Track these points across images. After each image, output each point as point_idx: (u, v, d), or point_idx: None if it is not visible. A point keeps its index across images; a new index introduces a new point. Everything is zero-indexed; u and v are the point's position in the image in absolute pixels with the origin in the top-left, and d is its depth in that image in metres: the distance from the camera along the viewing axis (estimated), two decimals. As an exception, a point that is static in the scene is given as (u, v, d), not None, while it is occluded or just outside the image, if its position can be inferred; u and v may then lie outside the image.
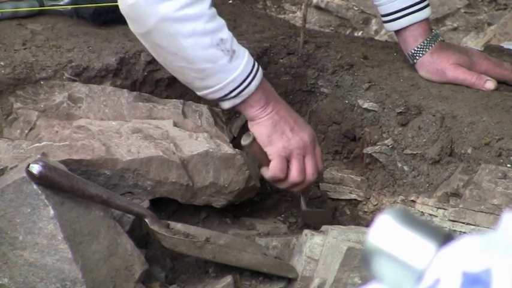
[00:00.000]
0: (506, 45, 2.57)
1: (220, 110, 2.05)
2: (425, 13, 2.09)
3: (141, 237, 1.86)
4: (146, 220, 1.78)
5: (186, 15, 1.72)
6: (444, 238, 0.66)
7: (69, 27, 2.14)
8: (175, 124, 1.94)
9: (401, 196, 1.99)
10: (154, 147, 1.84)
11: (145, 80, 2.07)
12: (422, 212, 1.92)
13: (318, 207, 2.11)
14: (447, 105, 1.98)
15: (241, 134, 1.98)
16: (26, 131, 1.87)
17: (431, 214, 1.90)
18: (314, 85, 2.22)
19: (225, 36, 1.77)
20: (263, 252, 1.89)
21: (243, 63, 1.79)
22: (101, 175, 1.80)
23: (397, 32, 2.13)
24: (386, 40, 2.74)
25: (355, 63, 2.18)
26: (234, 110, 1.98)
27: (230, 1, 2.82)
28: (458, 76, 2.08)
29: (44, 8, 2.19)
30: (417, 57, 2.11)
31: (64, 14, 2.20)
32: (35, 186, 1.64)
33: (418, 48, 2.10)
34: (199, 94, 1.86)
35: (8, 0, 2.16)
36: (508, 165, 1.79)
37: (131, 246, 1.74)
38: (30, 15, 2.18)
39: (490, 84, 2.07)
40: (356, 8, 3.56)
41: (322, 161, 1.94)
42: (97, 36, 2.10)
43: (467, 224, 1.78)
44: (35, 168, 1.62)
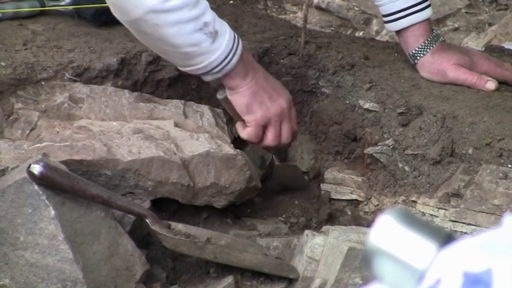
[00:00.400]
0: (507, 45, 2.57)
1: (221, 111, 2.05)
2: (426, 13, 2.09)
3: (142, 237, 1.85)
4: (147, 220, 1.78)
5: (172, 6, 1.74)
6: (445, 238, 0.66)
7: (70, 27, 2.14)
8: (176, 124, 1.94)
9: (402, 196, 1.99)
10: (155, 147, 1.84)
11: (146, 81, 2.07)
12: (423, 213, 1.92)
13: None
14: (448, 105, 1.98)
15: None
16: (27, 132, 1.87)
17: (432, 214, 1.90)
18: (315, 85, 2.22)
19: (208, 18, 1.78)
20: (264, 252, 1.89)
21: (225, 42, 1.81)
22: (102, 175, 1.80)
23: (398, 32, 2.13)
24: (387, 40, 2.74)
25: (356, 63, 2.18)
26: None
27: (231, 1, 2.82)
28: (459, 76, 2.08)
29: (45, 9, 2.19)
30: (418, 57, 2.11)
31: (65, 15, 2.20)
32: (36, 186, 1.64)
33: (419, 48, 2.10)
34: (181, 69, 1.90)
35: (9, 0, 2.16)
36: (509, 165, 1.79)
37: (132, 246, 1.74)
38: (31, 15, 2.18)
39: (491, 84, 2.07)
40: (357, 9, 3.56)
41: (297, 123, 1.99)
42: (98, 36, 2.10)
43: (468, 225, 1.78)
44: (36, 168, 1.62)
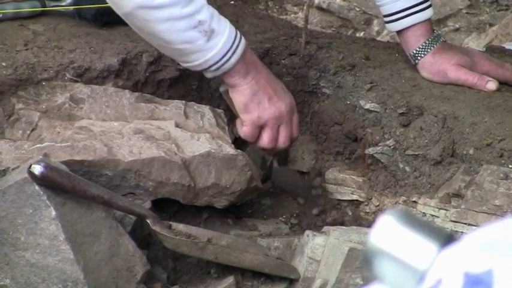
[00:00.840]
0: (507, 45, 2.57)
1: (222, 111, 2.05)
2: (427, 13, 2.09)
3: (143, 238, 1.85)
4: (148, 221, 1.78)
5: (161, 3, 1.74)
6: (446, 239, 0.66)
7: (71, 28, 2.14)
8: (177, 125, 1.94)
9: (403, 197, 1.99)
10: (156, 148, 1.84)
11: (147, 81, 2.07)
12: (424, 213, 1.92)
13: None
14: (449, 106, 1.97)
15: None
16: (28, 132, 1.87)
17: (433, 215, 1.90)
18: (316, 86, 2.22)
19: (204, 17, 1.78)
20: (265, 253, 1.89)
21: (222, 41, 1.81)
22: (103, 176, 1.80)
23: (399, 33, 2.12)
24: (388, 41, 2.74)
25: (357, 64, 2.18)
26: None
27: (232, 2, 2.82)
28: (460, 77, 2.08)
29: (46, 9, 2.19)
30: (419, 57, 2.10)
31: (66, 15, 2.20)
32: (37, 187, 1.64)
33: (420, 48, 2.10)
34: (182, 65, 1.91)
35: (10, 0, 2.16)
36: (510, 166, 1.79)
37: (133, 247, 1.74)
38: (32, 16, 2.18)
39: (492, 85, 2.07)
40: (358, 9, 3.56)
41: (298, 129, 2.00)
42: (99, 37, 2.10)
43: (469, 225, 1.78)
44: (37, 169, 1.62)
